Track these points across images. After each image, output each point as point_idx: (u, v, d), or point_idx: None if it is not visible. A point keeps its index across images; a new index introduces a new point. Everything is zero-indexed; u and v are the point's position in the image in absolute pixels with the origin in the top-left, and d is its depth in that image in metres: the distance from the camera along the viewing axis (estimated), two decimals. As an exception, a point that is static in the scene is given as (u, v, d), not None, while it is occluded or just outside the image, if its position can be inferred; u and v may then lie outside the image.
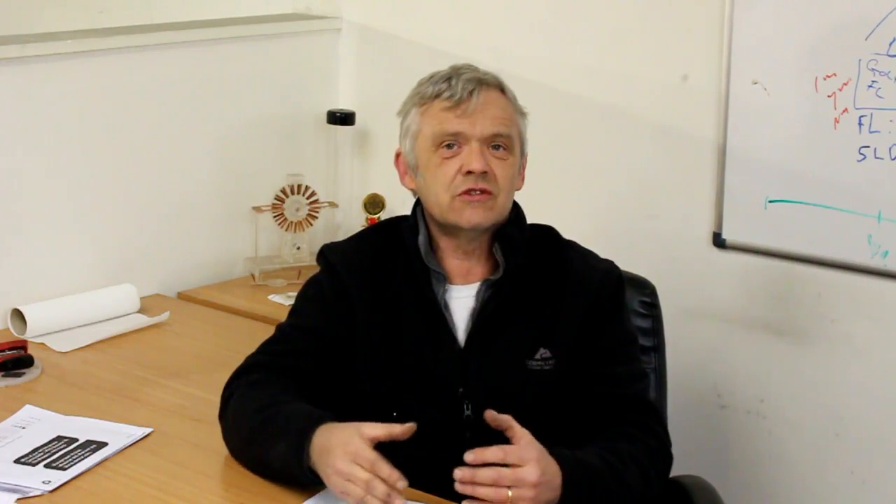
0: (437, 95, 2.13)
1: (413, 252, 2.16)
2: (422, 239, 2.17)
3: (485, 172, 2.10)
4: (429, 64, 2.28)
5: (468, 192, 2.10)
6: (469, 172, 2.09)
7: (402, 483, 1.87)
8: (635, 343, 2.24)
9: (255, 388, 2.10)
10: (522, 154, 2.20)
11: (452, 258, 2.18)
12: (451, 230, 2.15)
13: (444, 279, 2.16)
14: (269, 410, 2.03)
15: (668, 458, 2.16)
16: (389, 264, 2.18)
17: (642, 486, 2.07)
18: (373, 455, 1.87)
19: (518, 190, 2.21)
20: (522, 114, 2.21)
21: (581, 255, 2.23)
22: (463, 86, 2.12)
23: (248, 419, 2.06)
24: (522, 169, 2.22)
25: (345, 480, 1.88)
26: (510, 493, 1.87)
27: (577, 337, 2.14)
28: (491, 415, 1.92)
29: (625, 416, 2.12)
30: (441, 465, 1.94)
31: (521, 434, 1.92)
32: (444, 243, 2.18)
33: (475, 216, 2.11)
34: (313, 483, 1.95)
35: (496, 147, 2.12)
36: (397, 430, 1.91)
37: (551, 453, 1.93)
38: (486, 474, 1.87)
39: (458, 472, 1.87)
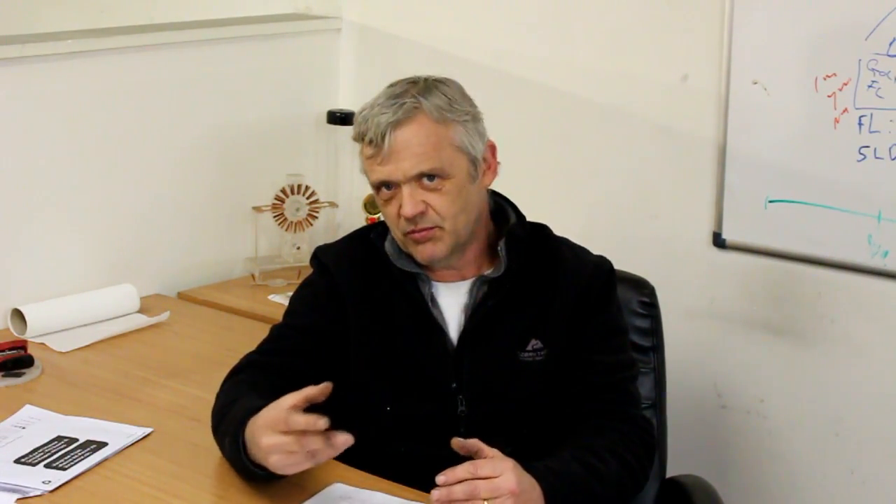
0: (362, 137, 2.11)
1: (386, 257, 2.17)
2: (388, 246, 2.17)
3: (422, 213, 2.08)
4: (428, 64, 2.28)
5: (413, 231, 2.10)
6: (406, 217, 2.09)
7: (322, 421, 1.83)
8: (623, 335, 2.25)
9: (234, 387, 2.11)
10: (474, 160, 2.12)
11: (435, 269, 2.18)
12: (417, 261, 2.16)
13: (428, 277, 2.17)
14: (227, 409, 2.04)
15: (647, 440, 2.16)
16: (379, 264, 2.19)
17: (626, 475, 2.07)
18: (283, 414, 1.84)
19: (488, 185, 2.19)
20: (462, 121, 2.10)
21: (572, 250, 2.24)
22: (375, 130, 2.07)
23: (214, 418, 2.08)
24: (490, 161, 2.17)
25: (279, 454, 1.86)
26: None
27: (567, 327, 2.15)
28: (458, 442, 1.91)
29: (600, 405, 2.13)
30: (436, 461, 1.94)
31: (490, 451, 1.91)
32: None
33: (426, 252, 2.11)
34: (267, 479, 1.94)
35: (430, 178, 2.08)
36: (313, 391, 1.86)
37: (526, 469, 1.93)
38: (461, 489, 1.86)
39: (435, 493, 1.86)
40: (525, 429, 2.13)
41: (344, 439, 1.85)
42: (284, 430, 1.85)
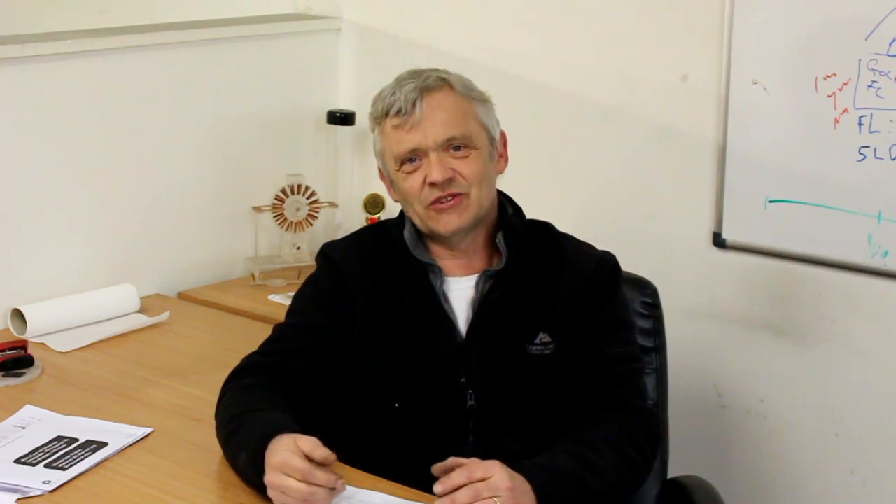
0: (387, 112, 2.13)
1: (403, 247, 2.17)
2: (407, 234, 2.18)
3: (450, 179, 2.11)
4: (428, 64, 2.27)
5: (439, 200, 2.11)
6: (433, 183, 2.10)
7: (340, 482, 1.87)
8: (629, 329, 2.25)
9: (242, 392, 2.11)
10: (492, 140, 2.19)
11: (446, 258, 2.19)
12: (437, 237, 2.17)
13: (440, 271, 2.17)
14: (239, 419, 2.03)
15: (652, 432, 2.15)
16: (387, 260, 2.19)
17: (625, 468, 2.06)
18: (300, 464, 1.85)
19: (501, 173, 2.22)
20: (482, 100, 2.19)
21: (577, 245, 2.25)
22: (405, 97, 2.11)
23: (224, 426, 2.08)
24: (502, 150, 2.22)
25: (279, 493, 1.88)
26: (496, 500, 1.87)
27: (574, 320, 2.15)
28: (437, 468, 1.92)
29: (606, 398, 2.13)
30: (444, 457, 1.94)
31: (469, 461, 1.91)
32: (435, 247, 2.20)
33: (452, 222, 2.13)
34: None
35: (456, 147, 2.12)
36: (318, 453, 1.87)
37: (515, 468, 1.93)
38: (464, 494, 1.86)
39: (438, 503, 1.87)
40: (534, 423, 2.13)
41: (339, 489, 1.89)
42: (299, 479, 1.85)
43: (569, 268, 2.19)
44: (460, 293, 2.18)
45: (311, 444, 1.88)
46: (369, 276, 2.18)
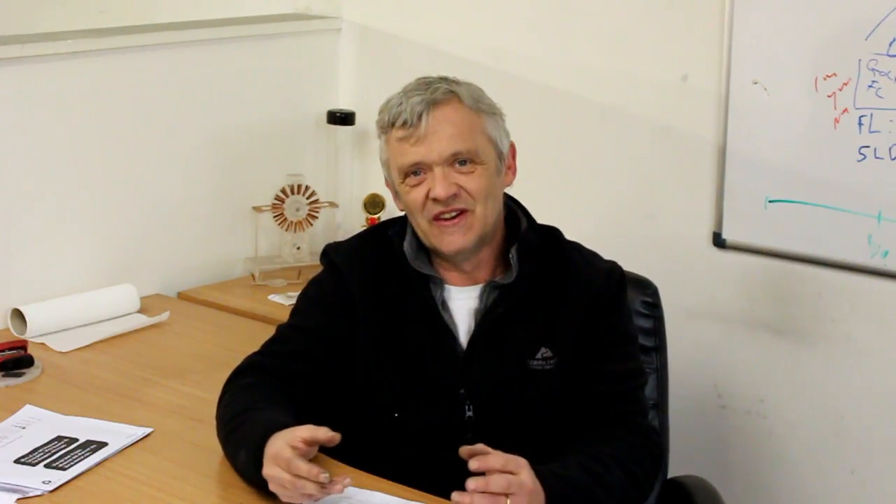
0: (393, 123, 2.10)
1: (402, 257, 2.16)
2: (406, 245, 2.16)
3: (454, 195, 2.08)
4: (428, 64, 2.28)
5: (441, 217, 2.09)
6: (437, 199, 2.08)
7: (323, 476, 1.85)
8: (634, 342, 2.24)
9: (243, 391, 2.11)
10: (500, 154, 2.15)
11: (448, 270, 2.18)
12: (440, 255, 2.15)
13: (441, 282, 2.16)
14: (240, 417, 2.03)
15: (655, 452, 2.16)
16: (388, 267, 2.18)
17: (630, 485, 2.07)
18: (288, 454, 1.86)
19: (509, 185, 2.20)
20: (491, 113, 2.14)
21: (584, 256, 2.23)
22: (412, 109, 2.07)
23: (224, 425, 2.08)
24: (510, 162, 2.20)
25: (276, 485, 1.89)
26: (508, 501, 1.87)
27: (577, 336, 2.14)
28: (465, 449, 1.91)
29: (610, 415, 2.13)
30: (443, 467, 1.94)
31: (497, 453, 1.91)
32: (437, 260, 2.18)
33: (455, 242, 2.10)
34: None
35: (462, 162, 2.09)
36: (321, 434, 1.89)
37: None
38: (497, 481, 1.87)
39: (472, 483, 1.86)
40: (532, 435, 2.11)
41: (340, 488, 1.87)
42: (286, 469, 1.86)
43: (575, 282, 2.16)
44: (462, 303, 2.16)
45: (309, 430, 1.89)
46: (371, 282, 2.17)
